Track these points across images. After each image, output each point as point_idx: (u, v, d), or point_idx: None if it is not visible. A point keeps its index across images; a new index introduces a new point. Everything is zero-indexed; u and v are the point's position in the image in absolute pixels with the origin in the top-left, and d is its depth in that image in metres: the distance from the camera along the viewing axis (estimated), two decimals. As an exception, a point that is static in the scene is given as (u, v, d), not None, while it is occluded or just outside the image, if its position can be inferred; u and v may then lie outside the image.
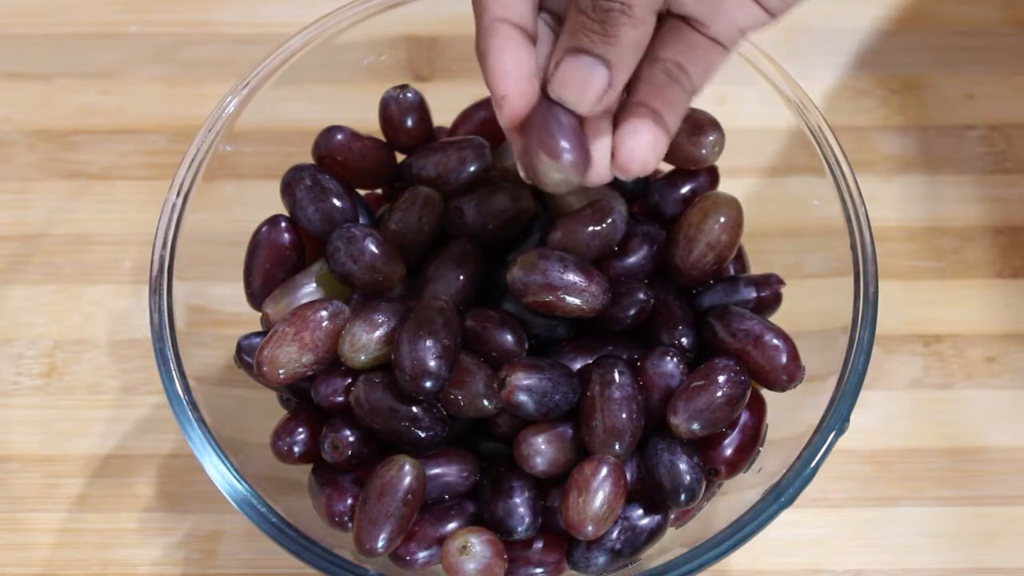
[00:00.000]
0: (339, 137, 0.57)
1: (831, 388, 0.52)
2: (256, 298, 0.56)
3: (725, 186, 0.58)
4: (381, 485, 0.51)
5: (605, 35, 0.43)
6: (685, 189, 0.57)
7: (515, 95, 0.44)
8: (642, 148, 0.45)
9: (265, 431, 0.54)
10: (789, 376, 0.53)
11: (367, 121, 0.59)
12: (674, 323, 0.54)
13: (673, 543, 0.53)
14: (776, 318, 0.55)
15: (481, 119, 0.60)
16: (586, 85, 0.44)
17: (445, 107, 0.60)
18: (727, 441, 0.53)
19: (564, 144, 0.44)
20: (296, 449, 0.53)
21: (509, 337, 0.52)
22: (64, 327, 0.67)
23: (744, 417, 0.53)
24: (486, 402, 0.51)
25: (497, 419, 0.53)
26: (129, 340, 0.66)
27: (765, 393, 0.54)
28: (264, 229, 0.56)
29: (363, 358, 0.51)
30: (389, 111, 0.58)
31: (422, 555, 0.52)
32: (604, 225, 0.53)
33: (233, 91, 0.57)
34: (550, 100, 0.44)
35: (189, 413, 0.51)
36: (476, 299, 0.54)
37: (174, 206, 0.55)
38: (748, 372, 0.52)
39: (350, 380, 0.52)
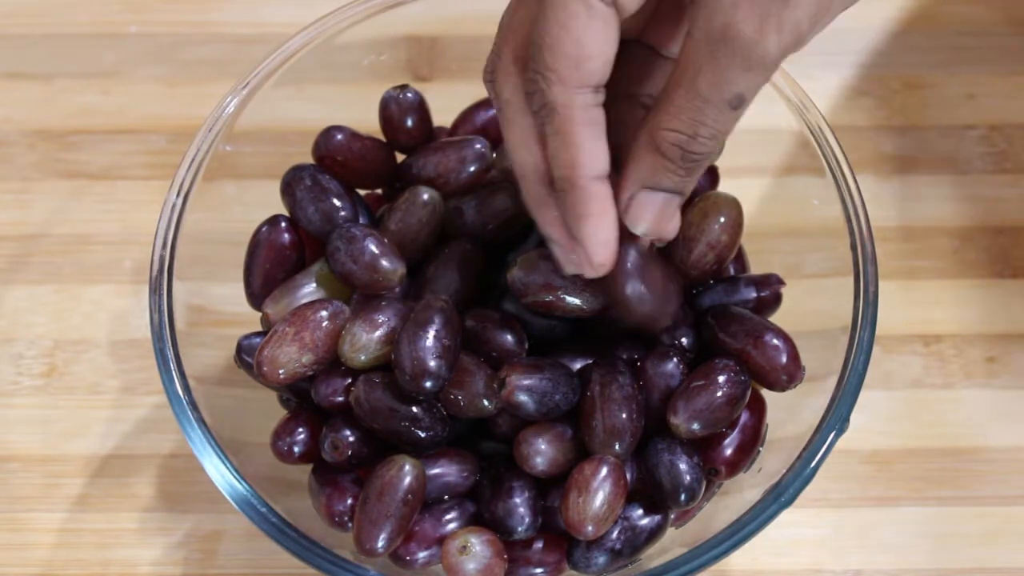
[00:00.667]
0: (339, 137, 0.57)
1: (831, 388, 0.52)
2: (256, 298, 0.56)
3: (725, 186, 0.58)
4: (381, 485, 0.50)
5: (687, 176, 0.44)
6: (685, 189, 0.57)
7: (609, 258, 0.46)
8: (677, 223, 0.47)
9: (265, 431, 0.54)
10: (789, 376, 0.53)
11: (367, 121, 0.59)
12: (674, 323, 0.54)
13: (673, 543, 0.53)
14: (776, 318, 0.55)
15: (481, 119, 0.60)
16: (664, 219, 0.46)
17: (445, 107, 0.60)
18: (727, 441, 0.53)
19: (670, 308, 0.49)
20: (296, 449, 0.53)
21: (509, 337, 0.52)
22: (64, 327, 0.67)
23: (744, 417, 0.53)
24: (486, 402, 0.51)
25: (497, 419, 0.53)
26: (129, 340, 0.66)
27: (765, 393, 0.54)
28: (264, 229, 0.56)
29: (363, 358, 0.51)
30: (389, 111, 0.58)
31: (422, 555, 0.52)
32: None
33: (233, 91, 0.57)
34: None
35: (189, 413, 0.51)
36: (476, 299, 0.54)
37: (174, 206, 0.55)
38: (748, 372, 0.52)
39: (350, 380, 0.52)
